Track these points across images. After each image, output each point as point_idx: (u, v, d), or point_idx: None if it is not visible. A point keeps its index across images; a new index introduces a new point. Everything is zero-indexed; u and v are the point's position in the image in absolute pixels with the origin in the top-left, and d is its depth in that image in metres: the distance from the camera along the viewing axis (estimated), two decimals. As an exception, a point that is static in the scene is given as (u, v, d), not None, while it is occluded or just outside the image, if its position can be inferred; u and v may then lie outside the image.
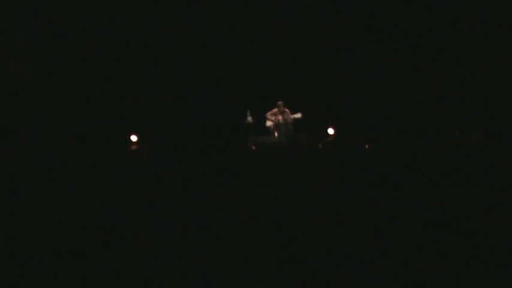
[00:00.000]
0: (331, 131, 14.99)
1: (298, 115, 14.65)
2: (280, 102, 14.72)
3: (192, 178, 7.54)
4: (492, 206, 5.96)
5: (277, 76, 15.48)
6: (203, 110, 15.47)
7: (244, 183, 7.22)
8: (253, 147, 13.72)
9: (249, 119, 14.64)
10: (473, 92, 14.53)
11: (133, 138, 14.62)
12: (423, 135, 13.63)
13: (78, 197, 6.55)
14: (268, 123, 14.91)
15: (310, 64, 15.59)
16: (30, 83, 14.86)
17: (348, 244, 5.38)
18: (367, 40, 15.37)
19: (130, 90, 15.27)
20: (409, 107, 14.81)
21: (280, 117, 14.73)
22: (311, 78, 15.59)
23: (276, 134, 14.72)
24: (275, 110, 14.83)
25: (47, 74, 14.99)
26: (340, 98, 15.34)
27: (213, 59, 15.61)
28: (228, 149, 11.84)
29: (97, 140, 13.15)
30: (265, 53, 15.61)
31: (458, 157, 9.34)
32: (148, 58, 15.43)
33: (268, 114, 14.92)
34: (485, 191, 6.45)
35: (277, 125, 14.76)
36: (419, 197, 6.36)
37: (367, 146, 12.33)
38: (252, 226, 5.78)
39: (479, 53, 14.65)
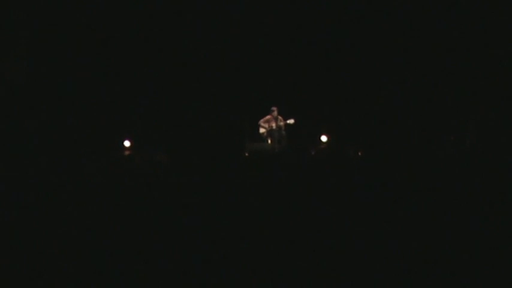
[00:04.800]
0: (324, 138, 15.03)
1: (291, 121, 14.66)
2: (274, 108, 14.72)
3: (186, 184, 7.53)
4: (487, 213, 5.96)
5: (270, 82, 15.49)
6: (198, 116, 15.47)
7: (236, 189, 7.20)
8: (246, 154, 13.71)
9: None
10: (466, 97, 14.58)
11: (127, 143, 14.60)
12: (417, 140, 13.65)
13: (70, 200, 6.52)
14: (262, 130, 14.90)
15: (303, 70, 15.61)
16: (25, 85, 14.83)
17: (342, 250, 5.37)
18: (361, 47, 15.40)
19: (125, 95, 15.26)
20: (403, 112, 14.83)
21: (273, 124, 14.73)
22: (304, 85, 15.61)
23: (269, 141, 14.72)
24: (268, 116, 14.83)
25: (42, 76, 14.97)
26: (334, 104, 15.36)
27: (208, 65, 15.61)
28: (222, 156, 11.81)
29: (91, 145, 13.12)
30: (259, 58, 15.63)
31: (452, 162, 9.35)
32: (144, 62, 15.42)
33: (262, 121, 14.92)
34: (480, 196, 6.45)
35: (270, 132, 14.76)
36: (413, 203, 6.35)
37: (360, 153, 12.35)
38: (244, 232, 5.77)
39: (471, 59, 14.70)
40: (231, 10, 15.55)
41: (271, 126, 14.77)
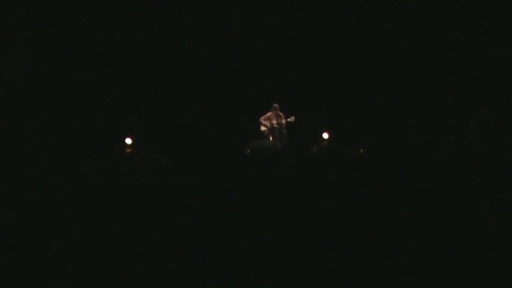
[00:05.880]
0: (325, 135, 15.04)
1: (292, 118, 14.60)
2: (276, 105, 14.66)
3: (187, 182, 7.53)
4: (487, 213, 5.96)
5: (272, 80, 15.47)
6: (200, 114, 15.48)
7: (237, 187, 7.20)
8: (248, 151, 13.69)
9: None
10: (466, 97, 14.59)
11: (128, 141, 14.59)
12: (417, 140, 13.65)
13: (70, 200, 6.52)
14: (262, 128, 14.85)
15: (304, 69, 15.61)
16: (25, 85, 14.83)
17: (342, 247, 5.37)
18: (363, 45, 15.40)
19: (126, 93, 15.26)
20: (403, 112, 14.84)
21: (274, 122, 14.68)
22: (305, 83, 15.61)
23: (270, 138, 14.69)
24: (269, 113, 14.77)
25: (42, 76, 14.98)
26: (335, 103, 15.36)
27: (209, 62, 15.61)
28: (223, 154, 11.81)
29: (91, 144, 13.12)
30: (260, 56, 15.62)
31: (452, 162, 9.36)
32: (145, 61, 15.41)
33: (262, 119, 14.85)
34: (480, 196, 6.45)
35: (271, 129, 14.72)
36: (413, 202, 6.36)
37: (361, 151, 12.36)
38: (245, 230, 5.77)
39: (471, 59, 14.71)
40: (231, 10, 15.54)
41: (272, 124, 14.72)
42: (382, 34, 15.28)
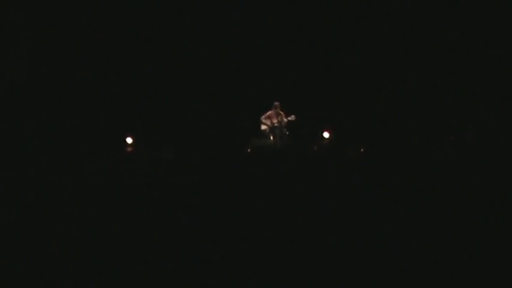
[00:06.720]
0: (326, 134, 15.05)
1: (292, 117, 14.57)
2: (277, 103, 14.63)
3: (187, 181, 7.54)
4: (487, 213, 5.96)
5: (273, 79, 15.47)
6: (200, 113, 15.48)
7: (238, 186, 7.21)
8: (248, 150, 13.69)
9: None
10: (466, 97, 14.59)
11: (129, 140, 14.59)
12: (417, 140, 13.66)
13: (72, 198, 6.52)
14: (263, 127, 14.83)
15: (305, 69, 15.61)
16: (25, 85, 14.83)
17: (343, 247, 5.37)
18: (363, 45, 15.40)
19: (126, 93, 15.27)
20: (403, 112, 14.85)
21: (275, 120, 14.65)
22: (306, 82, 15.60)
23: (271, 137, 14.67)
24: (270, 112, 14.74)
25: (42, 76, 14.99)
26: (335, 102, 15.35)
27: (209, 62, 15.61)
28: (224, 153, 11.82)
29: (91, 144, 13.13)
30: (260, 56, 15.62)
31: (452, 162, 9.37)
32: (145, 61, 15.40)
33: (263, 118, 14.82)
34: (480, 196, 6.45)
35: (272, 128, 14.70)
36: (413, 202, 6.36)
37: (362, 150, 12.37)
38: (245, 229, 5.77)
39: (471, 59, 14.72)
40: (231, 10, 15.53)
41: (273, 123, 14.69)
42: (382, 34, 15.28)
